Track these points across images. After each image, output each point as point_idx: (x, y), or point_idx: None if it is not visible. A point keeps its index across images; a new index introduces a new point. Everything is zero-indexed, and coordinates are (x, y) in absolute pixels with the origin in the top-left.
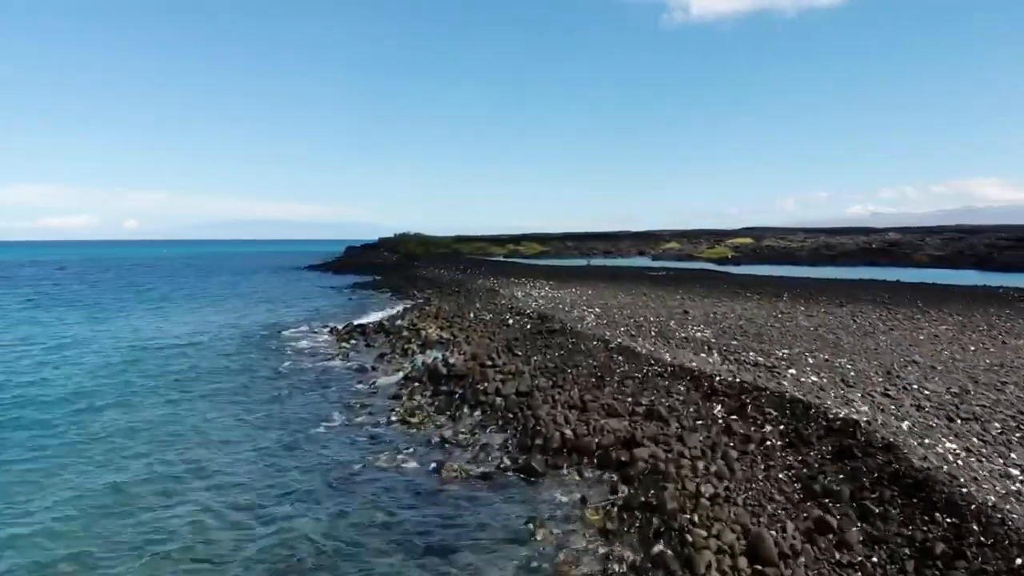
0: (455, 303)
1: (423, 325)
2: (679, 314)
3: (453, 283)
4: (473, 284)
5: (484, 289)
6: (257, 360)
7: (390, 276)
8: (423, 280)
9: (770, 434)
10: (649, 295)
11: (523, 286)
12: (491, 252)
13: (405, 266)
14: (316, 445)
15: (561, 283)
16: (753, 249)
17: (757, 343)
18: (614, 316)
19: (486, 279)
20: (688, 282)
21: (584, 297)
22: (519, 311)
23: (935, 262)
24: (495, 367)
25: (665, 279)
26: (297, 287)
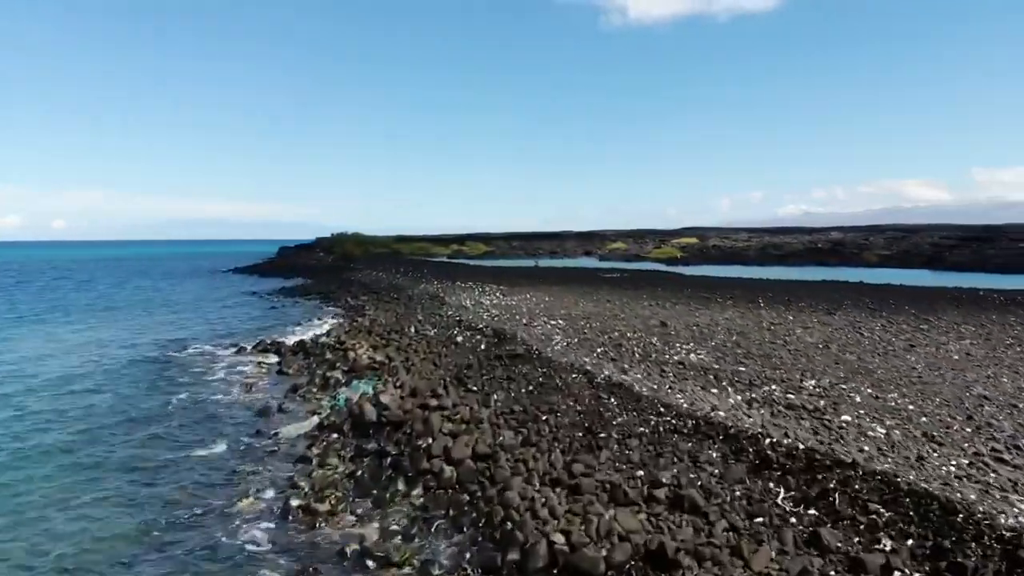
0: (393, 313)
1: (352, 343)
2: (657, 327)
3: (392, 288)
4: (415, 289)
5: (427, 296)
6: (134, 395)
7: (322, 280)
8: (358, 285)
9: (897, 556)
10: (614, 302)
11: (471, 291)
12: (434, 253)
13: (340, 268)
14: (157, 567)
15: (512, 287)
16: (700, 249)
17: (770, 368)
18: (584, 331)
19: (429, 283)
20: (647, 285)
21: (542, 305)
22: (470, 325)
23: (884, 261)
24: (442, 409)
25: (621, 281)
26: (217, 293)
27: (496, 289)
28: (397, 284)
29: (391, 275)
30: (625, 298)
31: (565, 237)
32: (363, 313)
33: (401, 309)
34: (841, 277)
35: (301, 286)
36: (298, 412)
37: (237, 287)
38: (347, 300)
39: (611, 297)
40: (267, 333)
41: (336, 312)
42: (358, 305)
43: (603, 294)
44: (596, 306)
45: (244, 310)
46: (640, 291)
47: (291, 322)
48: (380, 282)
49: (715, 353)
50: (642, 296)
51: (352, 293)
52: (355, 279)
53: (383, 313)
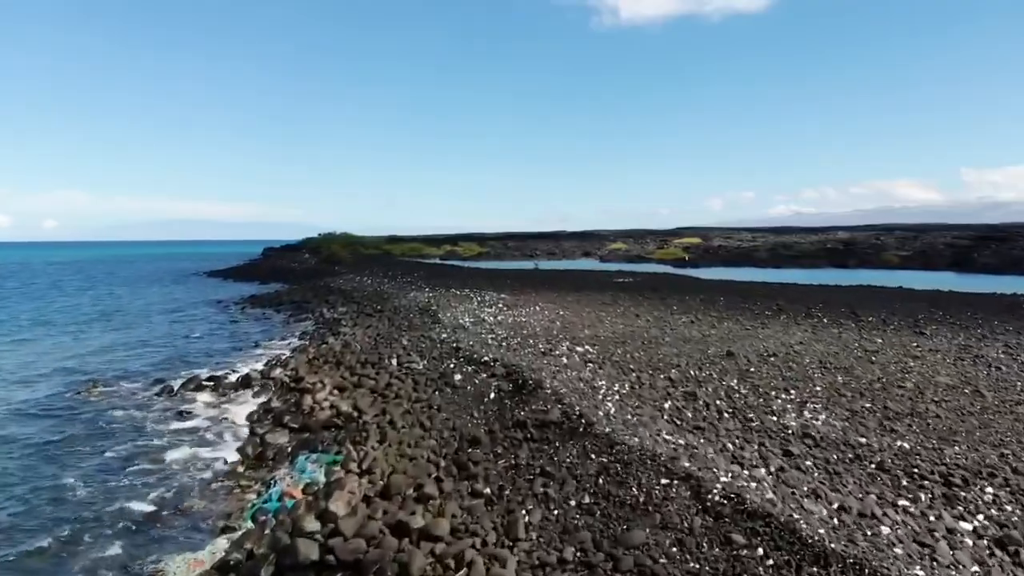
0: (373, 333)
1: (313, 381)
2: (722, 358)
3: (376, 297)
4: (402, 299)
5: (416, 307)
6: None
7: (300, 286)
8: (338, 293)
9: None
10: (644, 316)
11: (467, 300)
12: (426, 254)
13: (323, 272)
14: None
15: (515, 295)
16: (705, 249)
17: (948, 444)
18: (627, 366)
19: (419, 290)
20: (670, 292)
21: (558, 322)
22: (471, 356)
23: (906, 263)
24: (431, 539)
25: (638, 287)
26: (177, 302)
27: (497, 298)
28: (383, 292)
29: (378, 280)
30: (654, 310)
31: (562, 237)
32: (338, 331)
33: (384, 326)
34: (871, 281)
35: (275, 294)
36: (205, 521)
37: (204, 294)
38: (322, 312)
39: (636, 309)
40: (214, 360)
41: (306, 330)
42: (334, 319)
43: (625, 304)
44: (625, 322)
45: (200, 325)
46: (666, 300)
47: (249, 343)
48: (364, 289)
49: (837, 410)
50: (671, 307)
51: (330, 303)
52: (336, 286)
53: (361, 331)
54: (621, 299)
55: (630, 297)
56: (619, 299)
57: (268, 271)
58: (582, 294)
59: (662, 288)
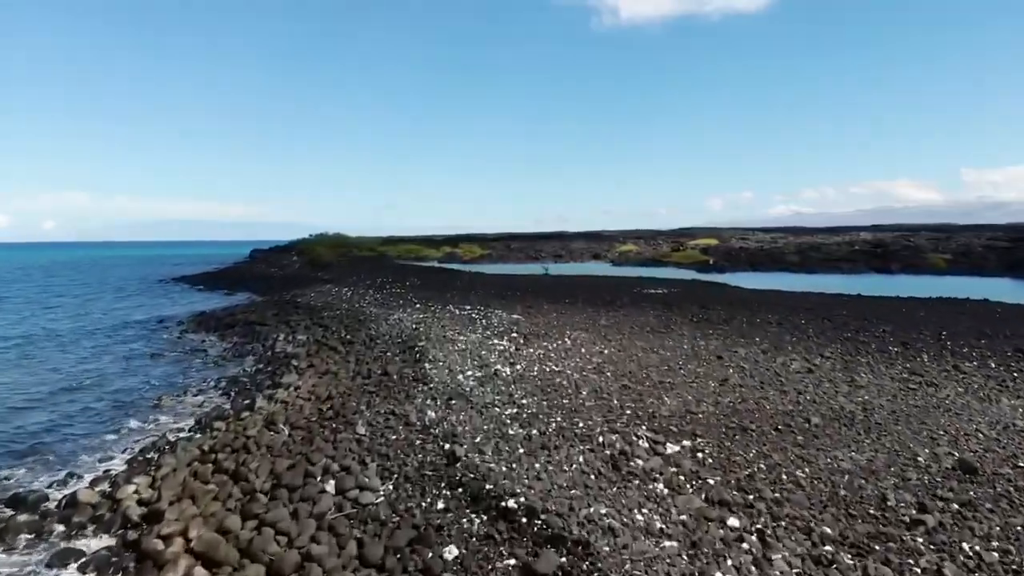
0: (329, 385)
1: (168, 532)
2: (954, 475)
3: (350, 319)
4: (383, 322)
5: (399, 340)
6: None
7: (268, 298)
8: (306, 311)
9: None
10: (725, 354)
11: (468, 326)
12: (424, 255)
13: (302, 280)
14: None
15: (531, 313)
16: (726, 252)
17: None
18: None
19: (409, 307)
20: (721, 308)
21: (609, 371)
22: (478, 485)
23: (954, 266)
24: None
25: (678, 301)
26: (116, 321)
27: (509, 322)
28: (361, 311)
29: (362, 291)
30: (732, 343)
31: (568, 237)
32: (280, 380)
33: (347, 373)
34: (935, 289)
35: (230, 311)
36: None
37: (154, 309)
38: (275, 342)
39: (705, 340)
40: (75, 442)
41: (242, 374)
42: (285, 356)
43: (682, 331)
44: (710, 371)
45: (111, 364)
46: (732, 323)
47: (149, 398)
48: (339, 306)
49: None
50: (750, 336)
51: (291, 326)
52: (307, 300)
53: (313, 379)
54: (673, 323)
55: (682, 318)
56: (670, 322)
57: (243, 277)
58: (617, 313)
59: (709, 302)
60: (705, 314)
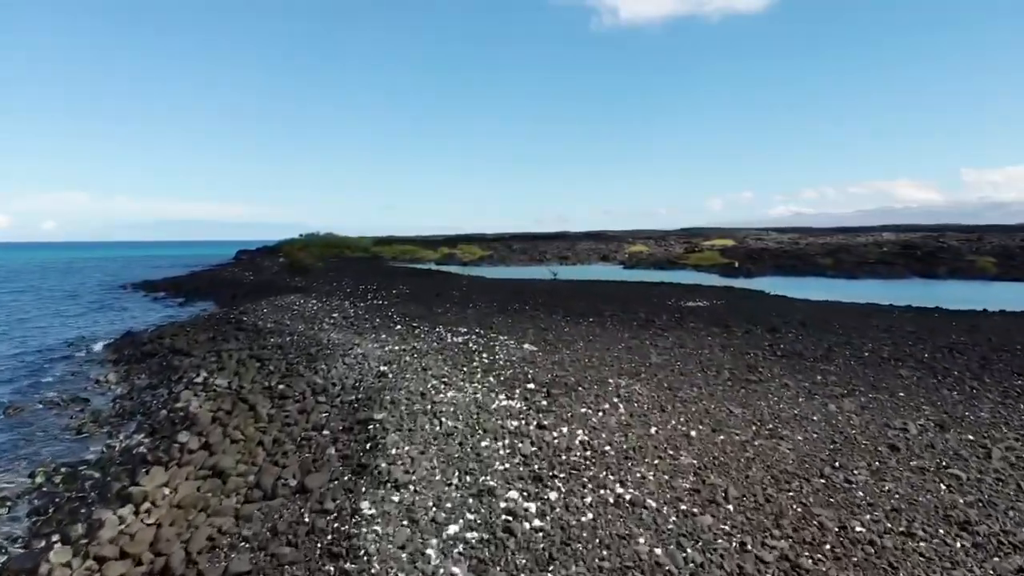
0: (194, 509)
1: None
2: None
3: (301, 351)
4: (343, 359)
5: (353, 399)
6: None
7: (223, 309)
8: (250, 335)
9: None
10: (855, 420)
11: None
12: (420, 257)
13: (271, 287)
14: None
15: (547, 338)
16: (747, 253)
17: None
18: None
19: (387, 328)
20: (790, 328)
21: (722, 486)
22: None
23: (1004, 270)
24: None
25: (732, 319)
26: (26, 346)
27: (518, 356)
28: (317, 339)
29: (335, 302)
30: (877, 409)
31: (573, 238)
32: (127, 487)
33: (239, 483)
34: (997, 299)
35: (163, 331)
36: None
37: (78, 326)
38: (182, 389)
39: (818, 390)
40: None
41: (95, 462)
42: (179, 420)
43: (782, 380)
44: (898, 473)
45: None
46: (833, 364)
47: None
48: (294, 329)
49: None
50: (891, 390)
51: (219, 360)
52: (257, 319)
53: (181, 493)
54: (754, 360)
55: (758, 350)
56: (747, 359)
57: (209, 283)
58: (664, 340)
59: (773, 321)
60: (782, 342)
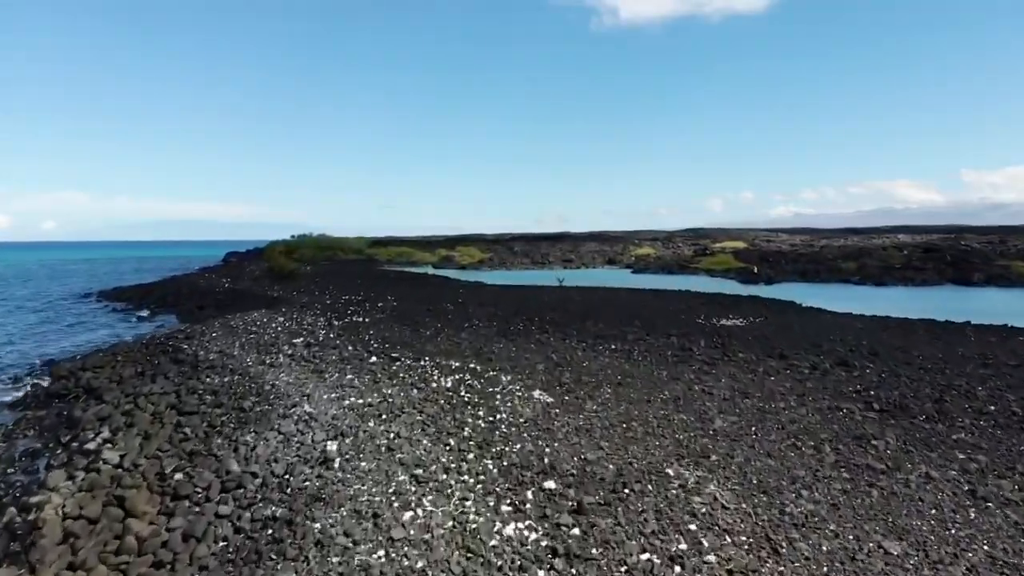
0: None
1: None
2: None
3: (234, 403)
4: (281, 420)
5: (269, 514)
6: None
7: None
8: (185, 369)
9: None
10: None
11: (453, 425)
12: (417, 260)
13: (244, 297)
14: None
15: (564, 379)
16: (761, 256)
17: None
18: None
19: (356, 361)
20: (865, 361)
21: None
22: None
23: None
24: None
25: (778, 341)
26: None
27: (529, 413)
28: (263, 379)
29: (307, 320)
30: None
31: (576, 239)
32: None
33: None
34: None
35: (97, 365)
36: None
37: None
38: (33, 496)
39: (967, 487)
40: None
41: None
42: (13, 534)
43: (906, 465)
44: None
45: None
46: (979, 435)
47: None
48: (243, 359)
49: None
50: None
51: (131, 417)
52: (197, 349)
53: None
54: (864, 426)
55: (842, 402)
56: (858, 426)
57: (178, 292)
58: (715, 381)
59: (818, 342)
60: (867, 384)
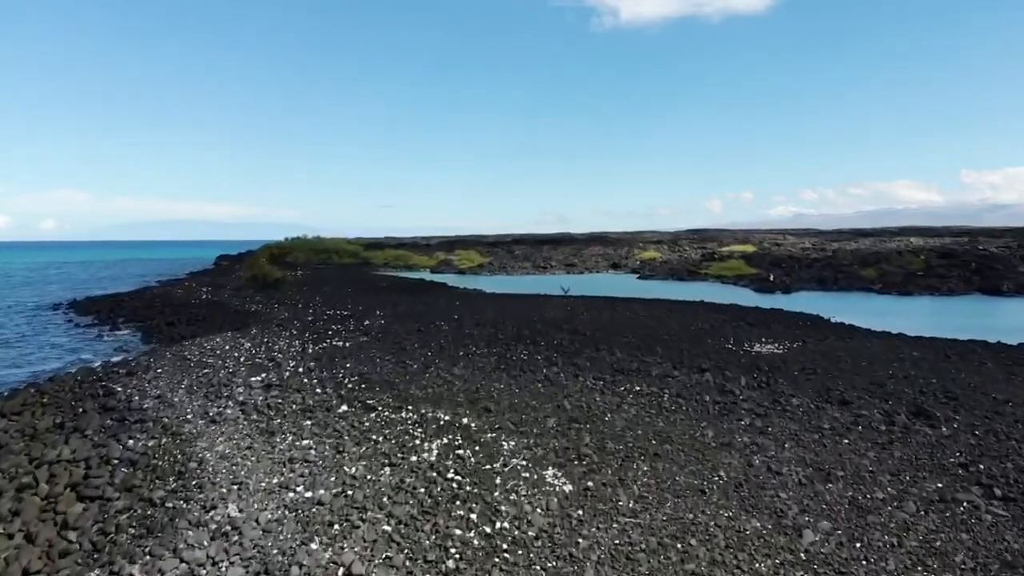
0: None
1: None
2: None
3: (149, 479)
4: (203, 532)
5: None
6: None
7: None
8: (108, 427)
9: None
10: None
11: None
12: (414, 264)
13: (218, 310)
14: None
15: (587, 442)
16: (774, 262)
17: None
18: None
19: (318, 419)
20: (949, 413)
21: None
22: None
23: None
24: None
25: (821, 378)
26: None
27: (535, 494)
28: (187, 461)
29: (279, 344)
30: None
31: (577, 241)
32: None
33: None
34: None
35: (14, 412)
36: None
37: None
38: None
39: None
40: None
41: None
42: None
43: None
44: None
45: None
46: None
47: None
48: (186, 408)
49: None
50: None
51: (17, 503)
52: (136, 395)
53: None
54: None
55: (949, 489)
56: (1011, 556)
57: (151, 303)
58: (781, 446)
59: (875, 378)
60: (973, 458)
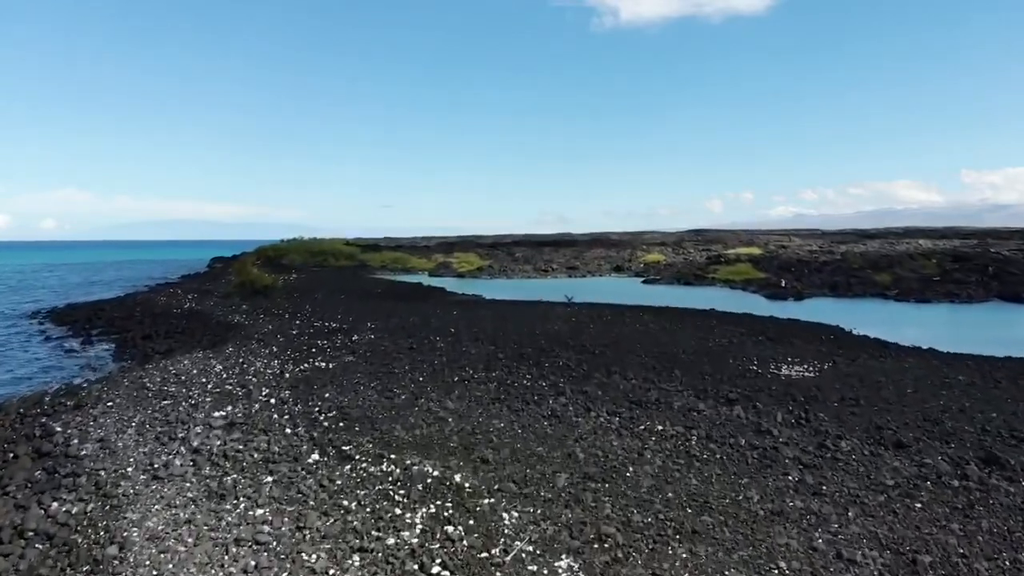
0: None
1: None
2: None
3: (63, 566)
4: None
5: None
6: None
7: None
8: (40, 479)
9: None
10: None
11: None
12: (412, 267)
13: (198, 323)
14: None
15: (594, 515)
16: (782, 265)
17: None
18: None
19: (281, 475)
20: None
21: None
22: None
23: None
24: None
25: (867, 411)
26: None
27: None
28: (108, 543)
29: (256, 365)
30: None
31: (578, 242)
32: None
33: None
34: None
35: None
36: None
37: None
38: None
39: None
40: None
41: None
42: None
43: None
44: None
45: None
46: None
47: None
48: (129, 456)
49: None
50: None
51: None
52: (75, 439)
53: None
54: None
55: None
56: None
57: (134, 312)
58: (849, 526)
59: (928, 415)
60: None
